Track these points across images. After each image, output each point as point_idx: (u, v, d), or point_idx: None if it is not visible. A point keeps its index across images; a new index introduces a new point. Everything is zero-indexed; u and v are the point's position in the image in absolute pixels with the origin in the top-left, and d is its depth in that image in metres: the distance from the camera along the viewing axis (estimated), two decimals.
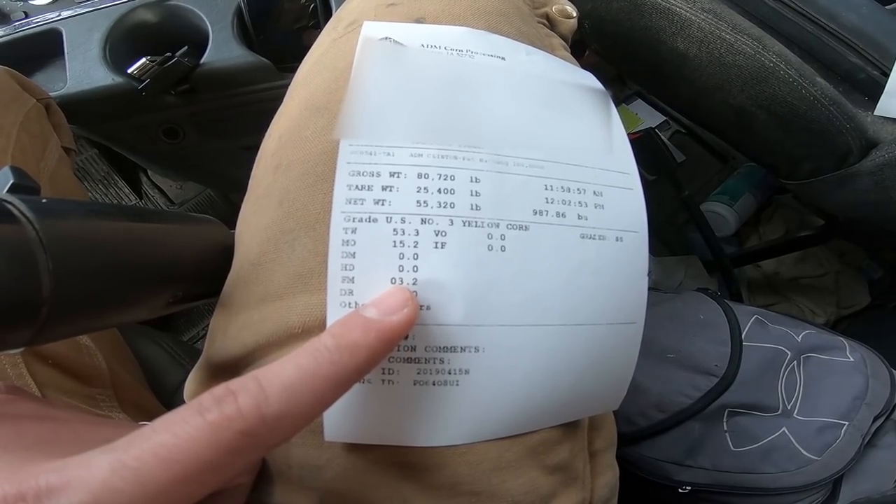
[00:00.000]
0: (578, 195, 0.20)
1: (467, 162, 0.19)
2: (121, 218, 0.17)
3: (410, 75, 0.20)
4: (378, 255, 0.17)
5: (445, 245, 0.17)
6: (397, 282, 0.17)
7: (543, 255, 0.19)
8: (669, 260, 0.73)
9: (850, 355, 0.46)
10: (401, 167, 0.18)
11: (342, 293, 0.17)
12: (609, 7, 0.48)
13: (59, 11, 0.47)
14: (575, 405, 0.20)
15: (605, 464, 0.23)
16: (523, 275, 0.18)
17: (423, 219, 0.18)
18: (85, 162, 0.70)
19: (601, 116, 0.22)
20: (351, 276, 0.17)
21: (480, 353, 0.18)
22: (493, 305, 0.18)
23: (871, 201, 0.42)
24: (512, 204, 0.19)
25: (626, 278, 0.20)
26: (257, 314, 0.19)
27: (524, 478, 0.19)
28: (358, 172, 0.18)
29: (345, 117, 0.18)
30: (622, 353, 0.20)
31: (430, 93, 0.20)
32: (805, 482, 0.42)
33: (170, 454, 0.11)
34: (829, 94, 0.38)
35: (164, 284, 0.19)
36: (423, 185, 0.18)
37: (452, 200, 0.18)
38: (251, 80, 0.48)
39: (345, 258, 0.17)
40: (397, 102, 0.19)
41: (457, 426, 0.18)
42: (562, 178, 0.20)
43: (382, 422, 0.17)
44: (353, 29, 0.22)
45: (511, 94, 0.21)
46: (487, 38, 0.22)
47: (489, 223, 0.18)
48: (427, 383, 0.17)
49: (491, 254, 0.18)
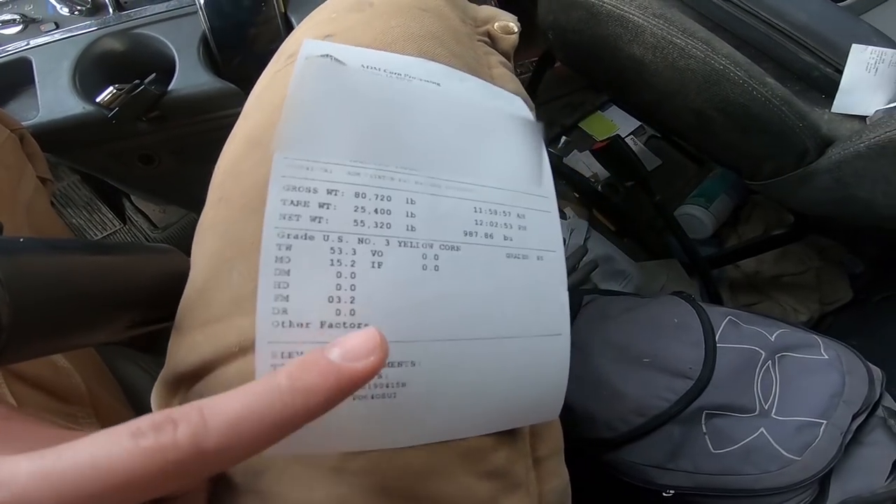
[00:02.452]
0: (504, 217, 0.21)
1: (403, 183, 0.19)
2: (77, 252, 0.18)
3: (350, 93, 0.20)
4: (315, 273, 0.17)
5: (382, 265, 0.18)
6: (334, 300, 0.17)
7: (474, 274, 0.20)
8: (651, 264, 0.73)
9: (824, 353, 0.46)
10: (338, 185, 0.18)
11: (275, 311, 0.17)
12: (569, 17, 0.49)
13: (27, 40, 0.47)
14: (508, 414, 0.21)
15: (550, 470, 0.23)
16: (456, 292, 0.19)
17: (360, 238, 0.18)
18: (67, 188, 0.71)
19: (527, 143, 0.24)
20: (285, 293, 0.17)
21: (416, 366, 0.18)
22: (427, 322, 0.18)
23: (832, 199, 0.42)
24: (445, 225, 0.20)
25: (548, 293, 0.21)
26: (201, 335, 0.20)
27: (456, 483, 0.19)
28: (294, 187, 0.18)
29: (281, 130, 0.18)
30: (552, 363, 0.21)
31: (368, 112, 0.20)
32: (788, 483, 0.41)
33: (94, 472, 0.11)
34: (780, 94, 0.39)
35: (120, 311, 0.20)
36: (361, 204, 0.18)
37: (389, 221, 0.19)
38: (219, 105, 0.49)
39: (278, 275, 0.17)
40: (336, 119, 0.19)
41: (390, 433, 0.19)
42: (489, 201, 0.21)
43: (318, 433, 0.18)
44: (292, 61, 0.23)
45: (445, 119, 0.22)
46: (425, 64, 0.23)
47: (424, 244, 0.19)
48: (366, 397, 0.18)
49: (426, 273, 0.19)
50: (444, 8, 0.27)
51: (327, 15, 0.26)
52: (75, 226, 0.69)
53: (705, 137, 0.46)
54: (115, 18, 0.47)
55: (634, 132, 0.82)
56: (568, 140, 0.82)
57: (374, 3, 0.25)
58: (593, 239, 0.75)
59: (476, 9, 0.30)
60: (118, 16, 0.47)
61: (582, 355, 0.50)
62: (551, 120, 0.84)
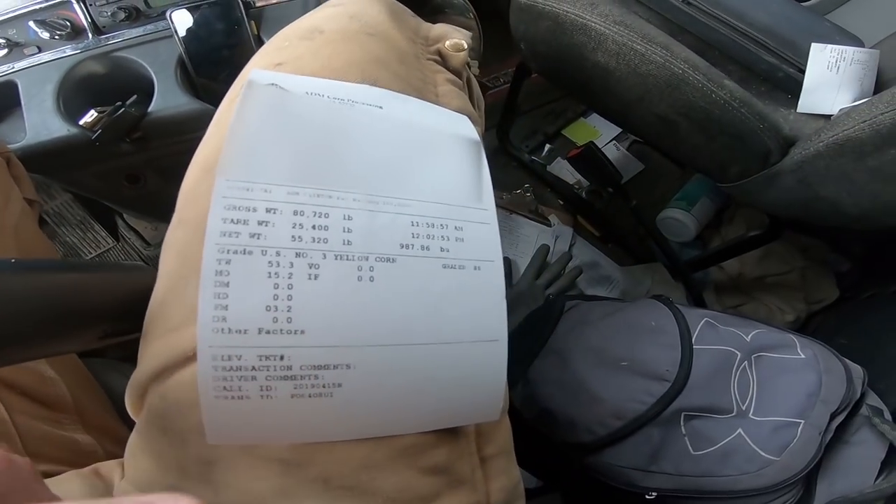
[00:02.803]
0: (441, 230, 0.22)
1: (341, 201, 0.21)
2: (48, 271, 0.21)
3: (291, 119, 0.22)
4: (252, 285, 0.19)
5: (318, 276, 0.19)
6: (272, 309, 0.19)
7: (409, 284, 0.21)
8: (636, 269, 0.74)
9: (801, 352, 0.46)
10: (277, 204, 0.20)
11: (215, 319, 0.18)
12: (537, 28, 0.50)
13: (12, 63, 0.49)
14: (445, 413, 0.22)
15: (498, 469, 0.24)
16: (391, 301, 0.20)
17: (297, 252, 0.19)
18: (60, 207, 0.73)
19: (467, 159, 0.25)
20: (224, 303, 0.18)
21: (351, 369, 0.19)
22: (362, 328, 0.20)
23: (799, 199, 0.43)
24: (381, 238, 0.21)
25: (485, 301, 0.22)
26: (161, 343, 0.22)
27: (396, 477, 0.21)
28: (234, 206, 0.19)
29: (224, 155, 0.20)
30: (489, 366, 0.22)
31: (310, 136, 0.22)
32: (767, 484, 0.41)
33: None
34: (738, 96, 0.39)
35: (90, 324, 0.22)
36: (299, 221, 0.20)
37: (326, 236, 0.20)
38: (198, 125, 0.50)
39: (218, 287, 0.18)
40: (277, 143, 0.21)
41: (328, 427, 0.20)
42: (426, 215, 0.22)
43: (261, 427, 0.19)
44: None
45: (385, 140, 0.23)
46: (367, 90, 0.25)
47: (359, 256, 0.20)
48: (303, 396, 0.19)
49: (361, 283, 0.20)
50: (392, 31, 0.28)
51: (280, 43, 0.28)
52: (69, 244, 0.70)
53: (673, 142, 0.47)
54: (95, 42, 0.48)
55: (617, 138, 0.83)
56: (552, 148, 0.84)
57: (325, 30, 0.27)
58: (578, 245, 0.76)
59: (428, 27, 0.32)
60: (97, 40, 0.48)
61: (562, 360, 0.50)
62: (534, 128, 0.85)
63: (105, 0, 0.47)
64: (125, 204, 0.63)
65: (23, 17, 0.48)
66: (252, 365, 0.18)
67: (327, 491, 0.20)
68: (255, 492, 0.20)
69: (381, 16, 0.29)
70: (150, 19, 0.49)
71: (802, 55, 0.45)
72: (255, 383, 0.18)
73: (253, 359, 0.18)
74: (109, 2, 0.48)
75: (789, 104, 0.47)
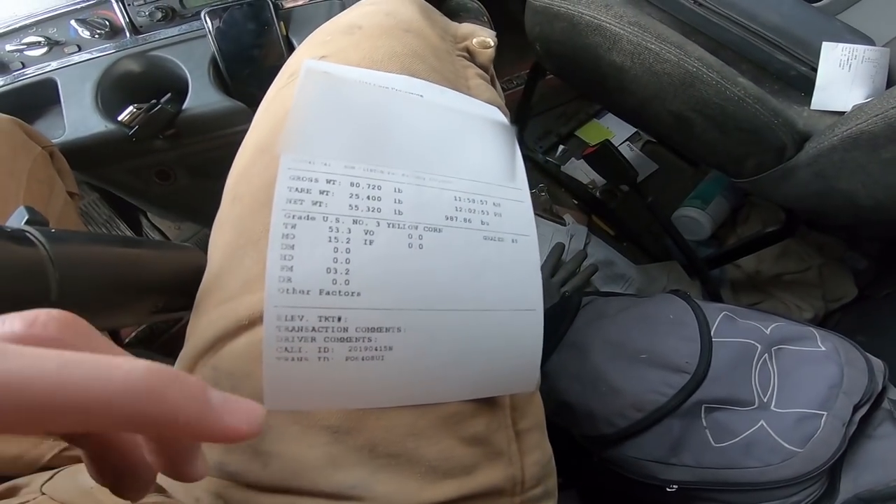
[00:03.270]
0: (481, 205, 0.24)
1: (391, 175, 0.23)
2: (113, 244, 0.23)
3: (345, 103, 0.24)
4: (315, 248, 0.20)
5: (373, 242, 0.21)
6: (332, 272, 0.20)
7: (454, 252, 0.22)
8: (651, 267, 0.75)
9: (821, 344, 0.47)
10: (336, 176, 0.22)
11: (281, 280, 0.20)
12: (553, 29, 0.52)
13: (52, 62, 0.51)
14: (486, 381, 0.23)
15: (532, 443, 0.25)
16: (438, 267, 0.22)
17: (354, 219, 0.21)
18: (88, 206, 0.75)
19: (502, 143, 0.27)
20: (290, 265, 0.20)
21: (402, 332, 0.21)
22: (412, 293, 0.21)
23: (815, 192, 0.44)
24: (428, 210, 0.23)
25: (522, 272, 0.24)
26: (216, 313, 0.23)
27: (439, 445, 0.22)
28: (298, 177, 0.21)
29: (286, 135, 0.22)
30: (527, 336, 0.24)
31: (360, 118, 0.24)
32: (792, 475, 0.42)
33: None
34: (753, 93, 0.41)
35: (146, 296, 0.24)
36: (355, 191, 0.22)
37: (379, 206, 0.22)
38: (229, 123, 0.53)
39: (284, 249, 0.20)
40: (333, 123, 0.23)
41: (379, 393, 0.21)
42: (468, 192, 0.24)
43: (317, 391, 0.20)
44: (293, 80, 0.27)
45: (427, 124, 0.25)
46: (408, 80, 0.27)
47: (409, 225, 0.22)
48: (357, 359, 0.20)
49: (411, 250, 0.22)
50: (425, 28, 0.30)
51: (322, 38, 0.30)
52: None
53: (688, 139, 0.49)
54: (132, 41, 0.51)
55: (630, 138, 0.84)
56: (565, 148, 0.85)
57: (363, 27, 0.29)
58: (593, 244, 0.77)
59: (456, 26, 0.34)
60: (135, 39, 0.51)
61: (580, 354, 0.51)
62: (548, 129, 0.87)
63: (143, 0, 0.50)
64: (153, 201, 0.65)
65: (64, 17, 0.50)
66: (312, 325, 0.20)
67: (373, 459, 0.21)
68: (304, 460, 0.21)
69: (415, 13, 0.31)
70: (185, 19, 0.51)
71: (814, 54, 0.46)
72: (314, 345, 0.20)
73: (314, 319, 0.20)
74: (147, 2, 0.50)
75: (802, 101, 0.48)
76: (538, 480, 0.25)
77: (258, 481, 0.21)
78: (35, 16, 0.50)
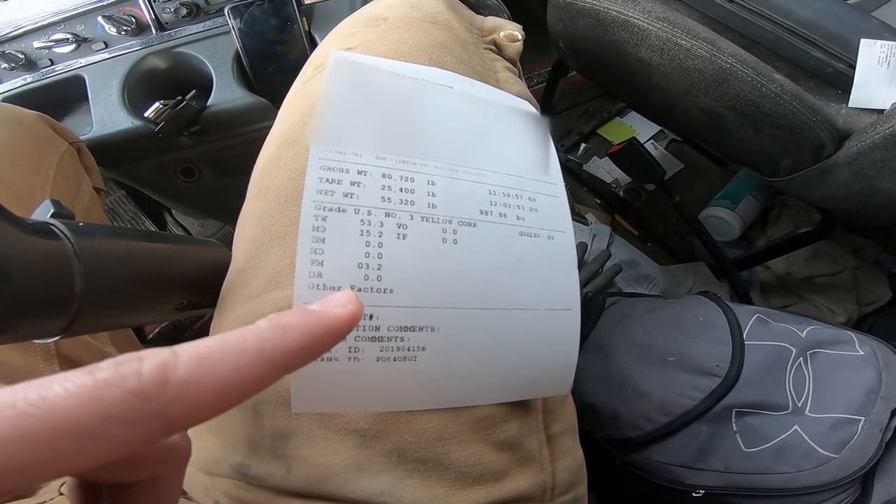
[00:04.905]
0: (517, 199, 0.24)
1: (424, 167, 0.22)
2: (138, 239, 0.23)
3: (375, 93, 0.23)
4: (346, 242, 0.20)
5: (406, 236, 0.21)
6: (363, 267, 0.20)
7: (489, 248, 0.22)
8: (677, 268, 0.74)
9: (859, 349, 0.46)
10: (367, 167, 0.21)
11: (311, 275, 0.19)
12: (577, 25, 0.53)
13: (80, 59, 0.52)
14: (519, 384, 0.23)
15: (564, 448, 0.25)
16: (472, 264, 0.21)
17: (386, 212, 0.21)
18: (114, 203, 0.78)
19: (535, 136, 0.27)
20: (320, 259, 0.20)
21: (436, 332, 0.21)
22: (446, 290, 0.21)
23: (854, 192, 0.44)
24: (462, 204, 0.22)
25: (558, 269, 0.24)
26: (241, 310, 0.23)
27: (470, 450, 0.21)
28: (329, 168, 0.21)
29: (315, 125, 0.22)
30: (563, 336, 0.23)
31: (391, 109, 0.23)
32: (826, 481, 0.41)
33: (28, 408, 0.09)
34: (790, 90, 0.41)
35: (171, 292, 0.24)
36: (387, 183, 0.21)
37: (412, 199, 0.21)
38: (253, 119, 0.54)
39: (315, 242, 0.20)
40: (363, 114, 0.23)
41: (410, 395, 0.21)
42: (502, 186, 0.24)
43: (345, 393, 0.20)
44: (320, 72, 0.27)
45: (459, 115, 0.25)
46: (437, 71, 0.27)
47: (443, 219, 0.22)
48: (389, 359, 0.20)
49: (445, 245, 0.21)
50: (452, 20, 0.30)
51: (347, 30, 0.30)
52: None
53: (719, 137, 0.49)
54: (158, 38, 0.52)
55: (654, 137, 0.84)
56: (587, 147, 0.85)
57: (389, 18, 0.29)
58: (616, 244, 0.77)
59: (482, 20, 0.34)
60: (160, 35, 0.52)
61: (605, 356, 0.51)
62: (570, 128, 0.87)
63: None
64: (178, 198, 0.66)
65: (91, 14, 0.51)
66: None
67: (402, 464, 0.20)
68: (329, 465, 0.20)
69: (440, 5, 0.30)
70: (209, 16, 0.52)
71: (851, 51, 0.46)
72: (345, 344, 0.19)
73: None
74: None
75: (840, 99, 0.48)
76: (568, 487, 0.24)
77: (281, 486, 0.21)
78: (63, 13, 0.51)
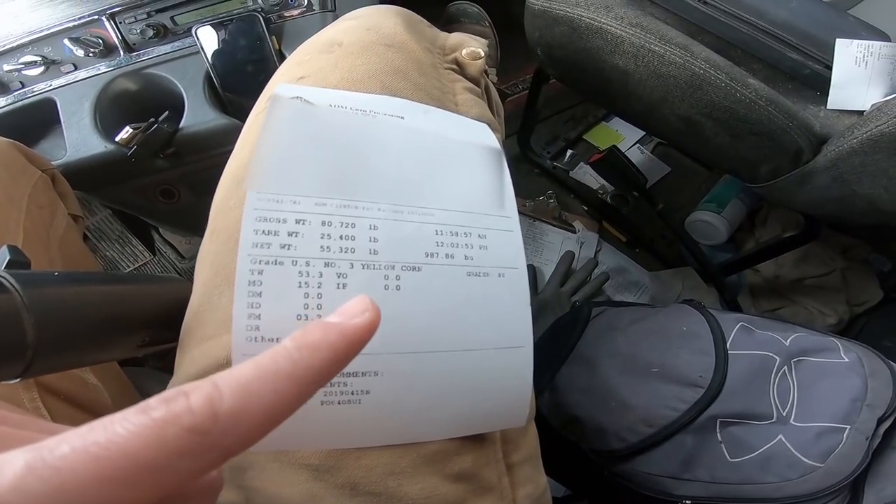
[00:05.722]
0: (465, 238, 0.24)
1: (366, 211, 0.22)
2: (93, 283, 0.23)
3: (317, 131, 0.23)
4: (284, 294, 0.20)
5: (347, 286, 0.21)
6: (302, 318, 0.20)
7: (435, 292, 0.22)
8: (666, 273, 0.74)
9: (844, 356, 0.46)
10: (306, 215, 0.21)
11: (248, 328, 0.20)
12: (553, 33, 0.53)
13: (50, 80, 0.52)
14: (471, 420, 0.23)
15: (525, 476, 0.25)
16: (417, 309, 0.22)
17: (326, 262, 0.21)
18: (100, 223, 0.77)
19: (488, 167, 0.26)
20: (258, 312, 0.20)
21: (379, 376, 0.21)
22: (390, 337, 0.21)
23: (834, 197, 0.44)
24: (406, 248, 0.22)
25: (509, 308, 0.23)
26: (197, 352, 0.24)
27: (422, 483, 0.22)
28: (265, 219, 0.21)
29: (252, 170, 0.22)
30: (514, 373, 0.23)
31: (335, 148, 0.23)
32: (811, 490, 0.41)
33: (102, 451, 0.10)
34: (765, 94, 0.41)
35: (131, 331, 0.24)
36: (327, 231, 0.21)
37: (353, 246, 0.21)
38: (226, 141, 0.53)
39: (251, 297, 0.20)
40: (304, 156, 0.23)
41: (356, 435, 0.21)
42: (451, 224, 0.24)
43: (293, 433, 0.20)
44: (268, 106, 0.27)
45: (408, 150, 0.25)
46: (388, 100, 0.26)
47: (386, 265, 0.22)
48: (333, 403, 0.20)
49: (387, 292, 0.21)
50: (409, 42, 0.30)
51: (302, 57, 0.30)
52: (109, 258, 0.75)
53: (698, 144, 0.48)
54: (127, 59, 0.52)
55: (641, 140, 0.84)
56: (574, 153, 0.85)
57: (343, 43, 0.29)
58: (604, 251, 0.77)
59: (445, 37, 0.34)
60: (129, 57, 0.52)
61: (590, 367, 0.51)
62: (556, 134, 0.87)
63: (134, 18, 0.51)
64: (161, 219, 0.66)
65: (57, 35, 0.51)
66: None
67: (354, 497, 0.21)
68: (285, 497, 0.21)
69: (398, 27, 0.30)
70: (178, 36, 0.52)
71: (827, 51, 0.46)
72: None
73: None
74: (138, 19, 0.51)
75: (818, 101, 0.48)
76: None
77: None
78: (30, 34, 0.51)
